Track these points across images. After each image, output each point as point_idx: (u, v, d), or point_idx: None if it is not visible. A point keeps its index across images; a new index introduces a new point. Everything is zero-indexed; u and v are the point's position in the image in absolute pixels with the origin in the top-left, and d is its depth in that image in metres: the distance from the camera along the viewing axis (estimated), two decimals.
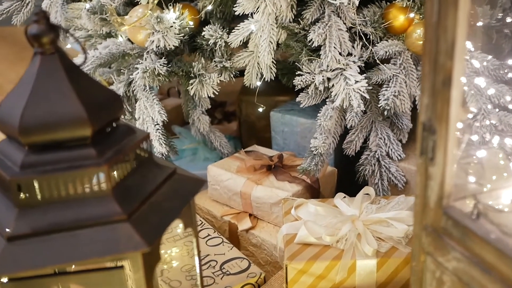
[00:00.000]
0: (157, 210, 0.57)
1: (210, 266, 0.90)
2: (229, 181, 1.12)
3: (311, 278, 0.81)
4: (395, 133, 1.11)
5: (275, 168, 1.12)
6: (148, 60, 1.14)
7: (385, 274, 0.81)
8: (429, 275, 0.56)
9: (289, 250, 0.84)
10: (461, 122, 0.59)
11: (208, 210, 1.16)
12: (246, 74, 1.16)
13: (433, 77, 0.49)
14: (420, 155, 0.53)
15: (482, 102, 0.87)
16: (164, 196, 0.59)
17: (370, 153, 1.09)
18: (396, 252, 0.82)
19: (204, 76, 1.13)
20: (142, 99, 1.19)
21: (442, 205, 0.52)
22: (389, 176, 1.07)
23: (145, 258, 0.54)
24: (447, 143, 0.50)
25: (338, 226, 0.86)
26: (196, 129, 1.35)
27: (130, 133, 0.60)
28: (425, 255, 0.55)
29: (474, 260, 0.48)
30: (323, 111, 1.03)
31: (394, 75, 1.03)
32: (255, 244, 1.06)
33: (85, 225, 0.52)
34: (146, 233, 0.54)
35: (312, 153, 1.01)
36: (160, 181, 0.60)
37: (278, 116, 1.26)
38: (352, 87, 1.00)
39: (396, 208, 0.90)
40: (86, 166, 0.53)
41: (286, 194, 1.03)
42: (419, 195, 0.54)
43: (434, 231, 0.53)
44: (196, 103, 1.31)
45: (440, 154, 0.50)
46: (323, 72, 1.03)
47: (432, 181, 0.52)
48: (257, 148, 1.25)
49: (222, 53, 1.16)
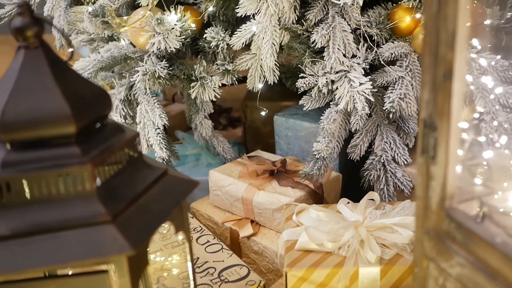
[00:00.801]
0: (144, 212, 0.54)
1: (208, 274, 0.87)
2: (230, 187, 1.09)
3: (312, 286, 0.78)
4: (401, 137, 1.08)
5: (278, 173, 1.09)
6: (149, 63, 1.12)
7: (389, 282, 0.78)
8: (432, 282, 0.52)
9: (289, 256, 0.81)
10: (467, 122, 0.56)
11: (209, 217, 1.13)
12: (249, 77, 1.14)
13: (433, 70, 0.46)
14: (421, 154, 0.50)
15: (489, 102, 0.84)
16: (153, 198, 0.56)
17: (375, 157, 1.06)
18: (400, 259, 0.78)
19: (205, 79, 1.10)
20: (143, 102, 1.17)
21: (444, 206, 0.49)
22: (395, 181, 1.04)
23: (131, 262, 0.52)
24: (449, 140, 0.47)
25: (341, 232, 0.83)
26: (199, 134, 1.33)
27: (118, 132, 0.57)
28: (428, 261, 0.52)
29: (479, 265, 0.45)
30: (327, 114, 1.00)
31: (400, 77, 1.00)
32: (257, 251, 1.03)
33: (68, 227, 0.50)
34: (131, 236, 0.51)
35: (315, 157, 0.98)
36: (149, 182, 0.57)
37: (282, 120, 1.23)
38: (356, 89, 0.98)
39: (402, 213, 0.87)
40: (69, 165, 0.51)
41: (289, 199, 1.00)
42: (420, 196, 0.51)
43: (437, 235, 0.50)
44: (198, 107, 1.29)
45: (442, 152, 0.47)
46: (327, 74, 1.01)
47: (434, 181, 0.49)
48: (260, 153, 1.22)
49: (225, 55, 1.14)
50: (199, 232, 1.00)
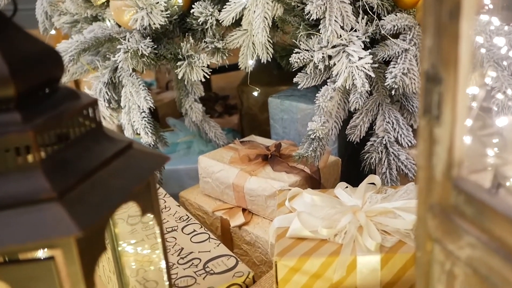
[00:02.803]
0: (100, 189, 0.46)
1: (193, 265, 0.79)
2: (221, 173, 1.01)
3: (304, 277, 0.70)
4: (404, 117, 0.99)
5: (272, 158, 1.01)
6: (132, 41, 1.04)
7: (391, 272, 0.69)
8: (437, 268, 0.44)
9: (280, 245, 0.72)
10: (478, 87, 0.48)
11: (199, 206, 1.05)
12: (241, 55, 1.06)
13: (437, 8, 0.38)
14: (423, 115, 0.41)
15: (502, 69, 0.75)
16: (112, 173, 0.49)
17: (377, 139, 0.97)
18: (403, 246, 0.70)
19: (193, 57, 1.03)
20: (128, 85, 1.09)
21: (451, 176, 0.40)
22: (398, 164, 0.95)
23: (82, 247, 0.44)
24: (456, 95, 0.38)
25: (337, 218, 0.75)
26: (190, 119, 1.25)
27: (71, 98, 0.50)
28: (432, 243, 0.44)
29: (493, 245, 0.37)
30: (323, 91, 0.92)
31: (403, 50, 0.91)
32: (249, 241, 0.95)
33: (5, 205, 0.42)
34: (81, 215, 0.43)
35: (310, 138, 0.90)
36: (109, 156, 0.49)
37: (277, 102, 1.15)
38: (355, 64, 0.89)
39: (405, 197, 0.78)
40: (7, 133, 0.43)
41: (283, 185, 0.92)
42: (422, 166, 0.43)
43: (442, 211, 0.42)
44: (188, 90, 1.21)
45: (448, 110, 0.39)
46: (323, 48, 0.92)
47: (439, 146, 0.41)
48: (254, 138, 1.14)
49: (214, 33, 1.06)
50: (185, 221, 0.92)
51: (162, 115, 1.55)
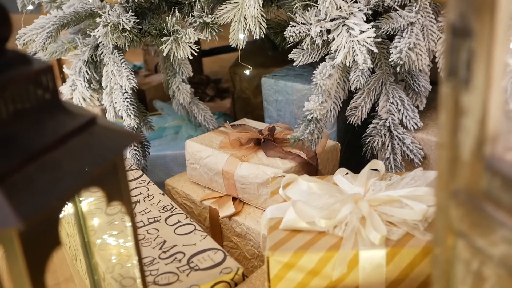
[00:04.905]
0: (51, 172, 0.38)
1: (176, 260, 0.71)
2: (209, 158, 0.93)
3: (300, 274, 0.62)
4: (410, 97, 0.91)
5: (265, 143, 0.92)
6: (113, 14, 0.95)
7: (397, 268, 0.62)
8: (461, 268, 0.36)
9: (273, 238, 0.64)
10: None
11: (186, 195, 0.97)
12: (231, 31, 0.97)
13: None
14: (447, 78, 0.33)
15: None
16: (68, 153, 0.40)
17: (380, 121, 0.89)
18: (411, 240, 0.62)
19: (179, 33, 0.94)
20: (109, 63, 1.00)
21: (483, 155, 0.32)
22: (403, 149, 0.87)
23: (27, 241, 0.36)
24: (492, 51, 0.30)
25: (337, 208, 0.67)
26: (177, 101, 1.16)
27: (20, 63, 0.41)
28: (455, 237, 0.36)
29: None
30: (321, 68, 0.84)
31: (409, 23, 0.83)
32: (240, 233, 0.88)
33: None
34: (25, 204, 0.35)
35: (306, 119, 0.82)
36: (65, 133, 0.41)
37: (271, 82, 1.07)
38: (356, 38, 0.81)
39: (412, 184, 0.71)
40: None
41: (276, 171, 0.84)
42: (444, 144, 0.35)
43: (470, 199, 0.34)
44: (175, 70, 1.12)
45: (480, 71, 0.31)
46: (321, 21, 0.84)
47: (467, 118, 0.33)
48: (246, 121, 1.06)
49: (202, 6, 0.97)
50: (169, 211, 0.84)
51: (150, 99, 1.46)
